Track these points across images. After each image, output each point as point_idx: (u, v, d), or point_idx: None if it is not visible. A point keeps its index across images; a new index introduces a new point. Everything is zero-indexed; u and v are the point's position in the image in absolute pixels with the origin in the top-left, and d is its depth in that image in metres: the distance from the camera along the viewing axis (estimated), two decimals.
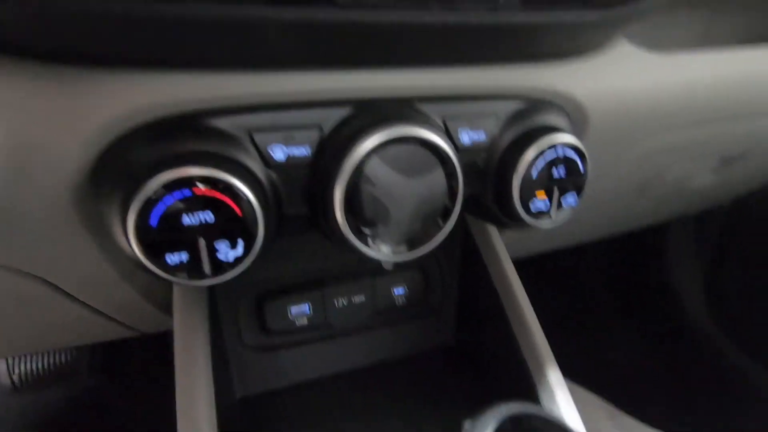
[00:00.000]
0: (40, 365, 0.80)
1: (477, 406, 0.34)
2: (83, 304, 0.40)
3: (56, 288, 0.37)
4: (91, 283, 0.38)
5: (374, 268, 0.49)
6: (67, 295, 0.38)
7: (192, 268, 0.27)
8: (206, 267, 0.27)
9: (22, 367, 0.79)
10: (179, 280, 0.27)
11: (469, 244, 0.50)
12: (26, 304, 0.38)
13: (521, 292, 0.43)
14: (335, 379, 0.49)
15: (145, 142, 0.27)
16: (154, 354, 0.93)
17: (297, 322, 0.47)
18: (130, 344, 0.92)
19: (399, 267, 0.50)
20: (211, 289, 0.41)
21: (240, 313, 0.46)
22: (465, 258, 0.52)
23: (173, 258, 0.26)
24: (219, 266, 0.27)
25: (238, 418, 0.45)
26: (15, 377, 0.78)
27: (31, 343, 0.50)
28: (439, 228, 0.32)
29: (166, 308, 0.47)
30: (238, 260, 0.28)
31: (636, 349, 1.07)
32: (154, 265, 0.26)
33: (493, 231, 0.47)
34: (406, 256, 0.33)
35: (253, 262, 0.30)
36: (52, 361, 0.81)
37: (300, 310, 0.47)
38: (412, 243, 0.32)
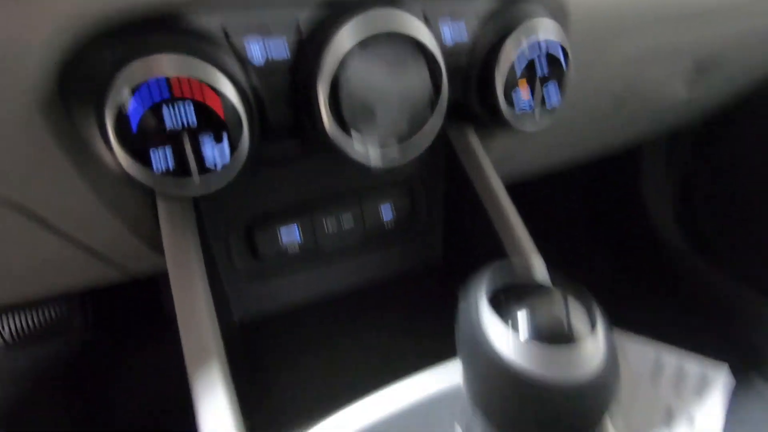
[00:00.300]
0: (31, 321, 0.79)
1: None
2: (70, 239, 0.39)
3: (41, 221, 0.36)
4: (75, 214, 0.37)
5: (361, 191, 0.50)
6: (53, 229, 0.37)
7: (178, 175, 0.26)
8: (193, 171, 0.26)
9: (13, 324, 0.78)
10: (166, 188, 0.26)
11: (453, 163, 0.50)
12: (11, 239, 0.37)
13: (507, 202, 0.44)
14: (328, 302, 0.51)
15: (112, 45, 0.25)
16: (146, 309, 0.94)
17: (288, 248, 0.47)
18: (122, 299, 0.93)
19: (385, 186, 0.51)
20: (200, 217, 0.41)
21: (231, 242, 0.46)
22: (450, 177, 0.52)
23: (159, 162, 0.25)
24: (206, 172, 0.27)
25: (238, 342, 0.46)
26: (5, 334, 0.77)
27: (19, 288, 0.49)
28: (426, 121, 0.32)
29: (154, 244, 0.47)
30: (225, 167, 0.27)
31: (610, 266, 1.13)
32: (140, 169, 0.25)
33: (477, 146, 0.48)
34: (395, 156, 0.33)
35: (240, 181, 0.30)
36: (43, 317, 0.81)
37: (290, 236, 0.47)
38: (400, 142, 0.32)
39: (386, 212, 0.51)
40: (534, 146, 0.66)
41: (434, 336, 0.45)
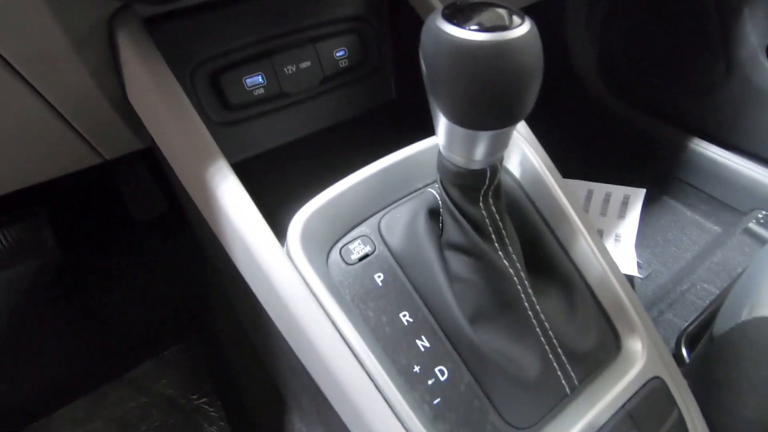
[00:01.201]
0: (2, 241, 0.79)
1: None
2: (34, 90, 0.40)
3: (12, 69, 0.36)
4: (40, 58, 0.38)
5: (316, 38, 0.53)
6: (17, 73, 0.38)
7: None
8: None
9: None
10: None
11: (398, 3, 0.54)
12: None
13: None
14: (298, 142, 0.56)
15: None
16: (115, 220, 0.95)
17: (254, 93, 0.50)
18: (88, 214, 0.92)
19: (336, 31, 0.54)
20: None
21: (200, 94, 0.49)
22: (394, 13, 0.56)
23: None
24: None
25: None
26: None
27: None
28: None
29: (120, 107, 0.48)
30: None
31: (543, 117, 1.25)
32: None
33: None
34: None
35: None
36: (12, 236, 0.80)
37: (254, 81, 0.50)
38: None
39: (340, 54, 0.54)
40: None
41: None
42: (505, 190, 0.41)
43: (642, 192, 1.12)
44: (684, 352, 0.66)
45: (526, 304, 0.34)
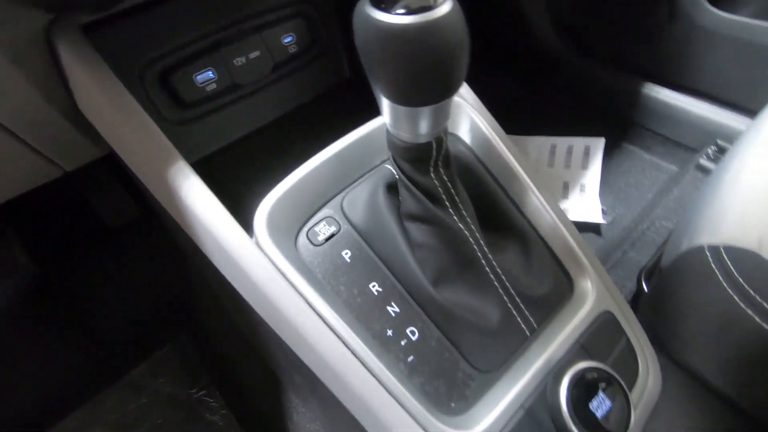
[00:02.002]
0: None
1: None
2: None
3: None
4: None
5: (261, 27, 0.53)
6: None
7: None
8: None
9: None
10: None
11: None
12: None
13: None
14: (256, 133, 0.56)
15: None
16: (86, 228, 0.94)
17: (207, 88, 0.51)
18: (59, 226, 0.91)
19: (282, 17, 0.54)
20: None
21: (152, 95, 0.49)
22: None
23: None
24: None
25: None
26: None
27: None
28: None
29: (74, 118, 0.48)
30: None
31: (505, 81, 1.27)
32: None
33: None
34: None
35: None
36: None
37: (205, 76, 0.50)
38: None
39: (288, 40, 0.55)
40: None
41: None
42: (457, 156, 0.43)
43: (602, 141, 1.16)
44: (645, 287, 0.71)
45: (483, 261, 0.37)
